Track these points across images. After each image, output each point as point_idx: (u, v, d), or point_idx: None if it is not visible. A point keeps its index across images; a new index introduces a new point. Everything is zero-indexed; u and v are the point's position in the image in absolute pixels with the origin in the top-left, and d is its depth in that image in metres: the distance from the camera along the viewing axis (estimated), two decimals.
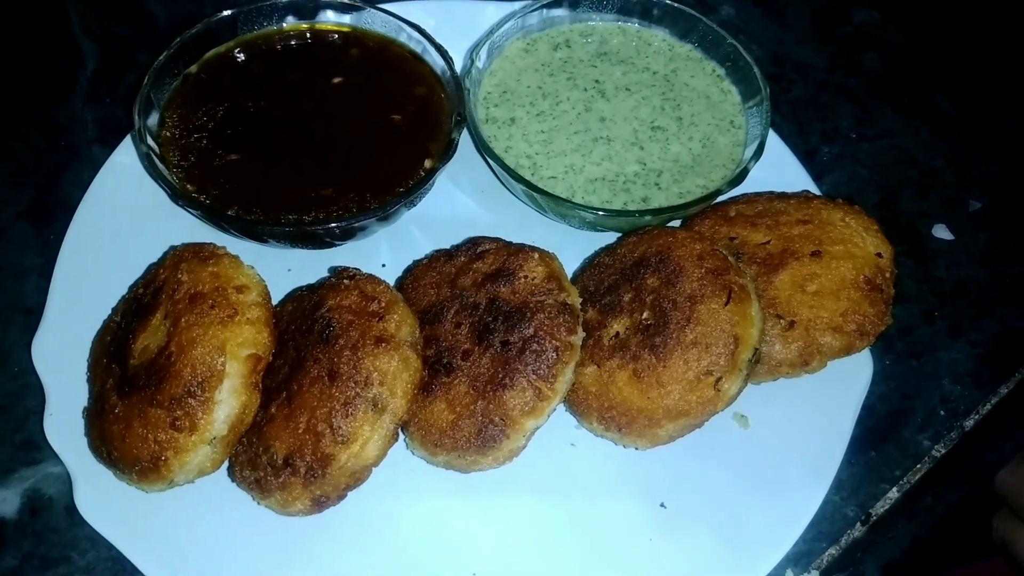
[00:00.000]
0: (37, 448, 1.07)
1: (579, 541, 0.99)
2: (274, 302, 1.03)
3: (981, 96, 1.57)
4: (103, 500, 0.98)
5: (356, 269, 0.99)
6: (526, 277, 0.99)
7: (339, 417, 0.88)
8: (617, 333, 1.00)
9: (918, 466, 1.12)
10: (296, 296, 1.02)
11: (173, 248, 1.04)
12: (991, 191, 1.41)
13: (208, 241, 1.03)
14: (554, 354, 0.94)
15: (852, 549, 1.07)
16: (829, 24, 1.67)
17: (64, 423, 1.02)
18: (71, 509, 0.99)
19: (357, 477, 0.93)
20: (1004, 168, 1.45)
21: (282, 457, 0.90)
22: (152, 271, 1.02)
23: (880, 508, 1.09)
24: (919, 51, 1.63)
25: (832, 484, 1.04)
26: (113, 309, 1.07)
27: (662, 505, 1.02)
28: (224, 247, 1.01)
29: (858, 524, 1.08)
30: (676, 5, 1.31)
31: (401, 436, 0.98)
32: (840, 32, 1.66)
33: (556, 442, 1.05)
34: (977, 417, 1.17)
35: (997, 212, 1.38)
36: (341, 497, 0.94)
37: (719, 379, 0.94)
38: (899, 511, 1.09)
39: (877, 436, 1.14)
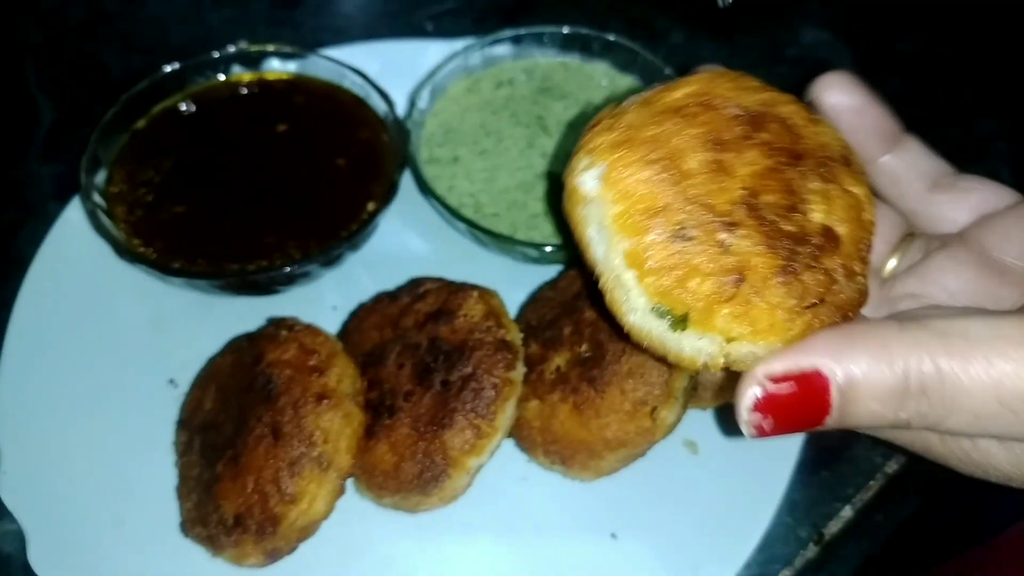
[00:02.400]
0: None
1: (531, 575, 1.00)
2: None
3: (928, 115, 1.59)
4: (57, 556, 0.98)
5: (294, 319, 1.01)
6: (465, 316, 1.00)
7: (285, 477, 0.90)
8: (558, 367, 1.01)
9: (871, 483, 1.13)
10: (235, 347, 1.04)
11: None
12: None
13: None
14: (492, 391, 0.95)
15: (806, 570, 1.07)
16: (778, 45, 1.70)
17: (18, 481, 1.03)
18: (27, 567, 0.99)
19: (308, 531, 0.94)
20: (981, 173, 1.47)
21: (232, 516, 0.91)
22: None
23: (833, 527, 1.09)
24: (869, 69, 1.65)
25: (785, 505, 1.05)
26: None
27: (613, 536, 1.02)
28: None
29: (811, 544, 1.08)
30: (615, 39, 1.34)
31: (349, 480, 0.99)
32: (790, 53, 1.69)
33: (508, 477, 1.06)
34: None
35: None
36: (293, 549, 0.95)
37: (655, 408, 0.95)
38: (851, 529, 1.10)
39: (829, 455, 1.14)
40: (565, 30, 1.35)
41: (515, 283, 1.16)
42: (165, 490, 1.02)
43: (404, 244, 1.27)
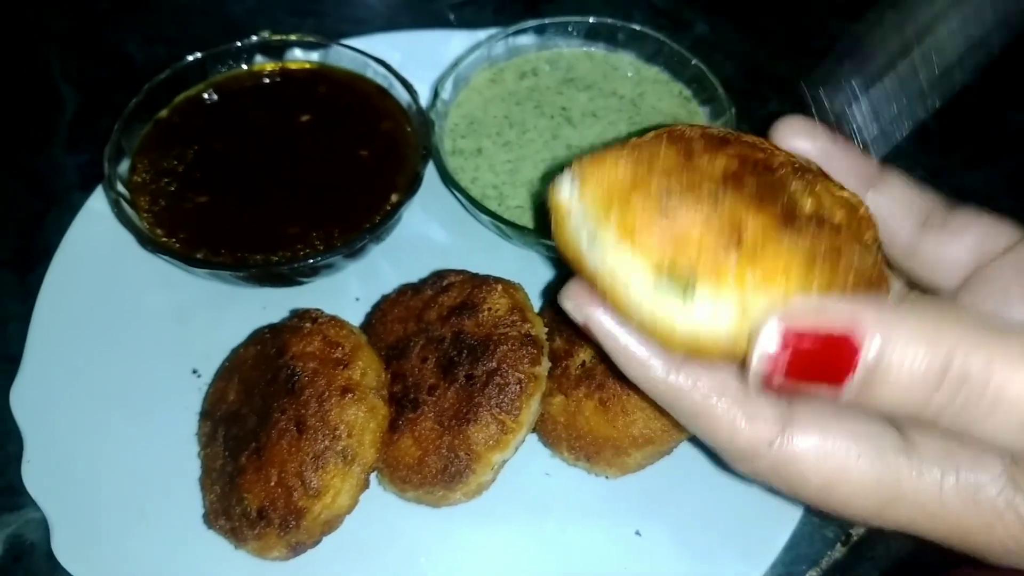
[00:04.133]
0: (19, 494, 1.08)
1: (555, 571, 0.99)
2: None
3: (962, 107, 1.56)
4: (80, 545, 0.99)
5: (318, 311, 1.00)
6: (490, 309, 0.99)
7: (310, 471, 0.89)
8: (583, 362, 1.00)
9: None
10: (258, 338, 1.03)
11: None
12: (972, 202, 1.40)
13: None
14: (517, 387, 0.94)
15: (832, 571, 1.05)
16: (804, 37, 1.67)
17: (42, 470, 1.03)
18: (51, 554, 0.99)
19: (332, 525, 0.93)
20: (985, 179, 1.44)
21: (255, 510, 0.91)
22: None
23: (860, 528, 1.08)
24: None
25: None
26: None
27: (637, 533, 1.01)
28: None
29: (838, 545, 1.07)
30: (641, 29, 1.32)
31: (372, 473, 0.98)
32: (816, 44, 1.66)
33: (531, 472, 1.05)
34: None
35: None
36: (317, 542, 0.95)
37: None
38: (878, 531, 1.08)
39: None
40: (591, 20, 1.33)
41: (539, 276, 1.15)
42: (188, 480, 1.02)
43: (427, 235, 1.26)
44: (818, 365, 0.56)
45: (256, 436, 0.93)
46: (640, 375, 0.67)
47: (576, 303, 0.66)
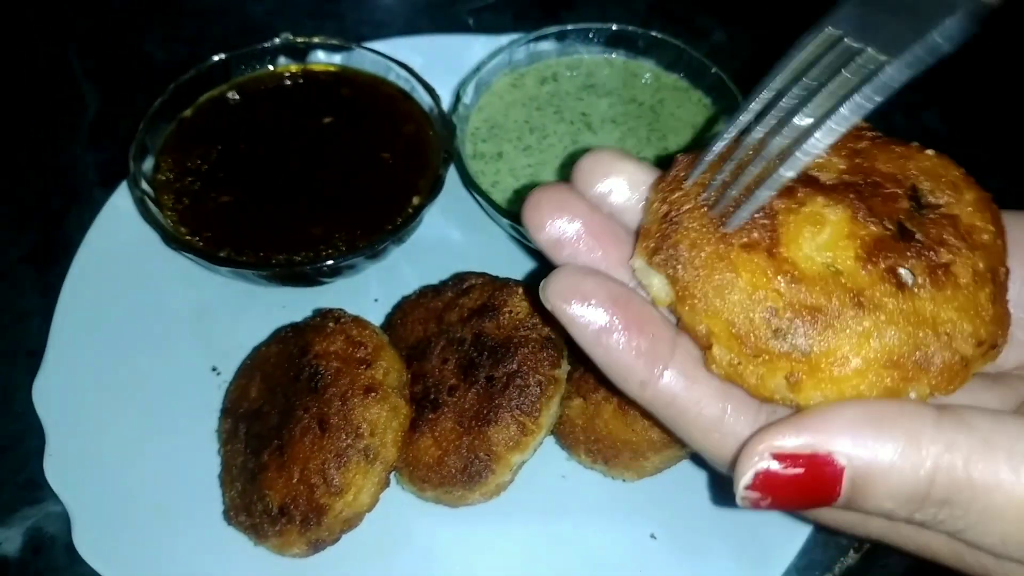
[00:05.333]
0: (39, 488, 1.09)
1: (570, 573, 1.00)
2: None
3: (974, 115, 1.57)
4: (101, 539, 0.99)
5: (341, 310, 1.01)
6: (510, 312, 1.00)
7: (332, 468, 0.90)
8: None
9: None
10: (280, 337, 1.04)
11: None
12: None
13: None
14: (537, 389, 0.95)
15: None
16: None
17: (63, 464, 1.04)
18: (71, 547, 1.00)
19: (352, 523, 0.94)
20: (997, 185, 1.44)
21: (277, 506, 0.92)
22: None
23: None
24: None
25: None
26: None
27: (652, 536, 1.02)
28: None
29: (851, 552, 1.07)
30: (661, 36, 1.33)
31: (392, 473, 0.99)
32: None
33: (547, 474, 1.05)
34: None
35: None
36: (337, 539, 0.95)
37: None
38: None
39: None
40: (613, 27, 1.34)
41: None
42: (207, 476, 1.04)
43: (447, 238, 1.27)
44: (804, 488, 0.55)
45: (278, 434, 0.94)
46: (619, 386, 0.64)
47: (560, 295, 0.61)
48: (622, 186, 0.67)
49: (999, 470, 0.53)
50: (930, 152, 0.65)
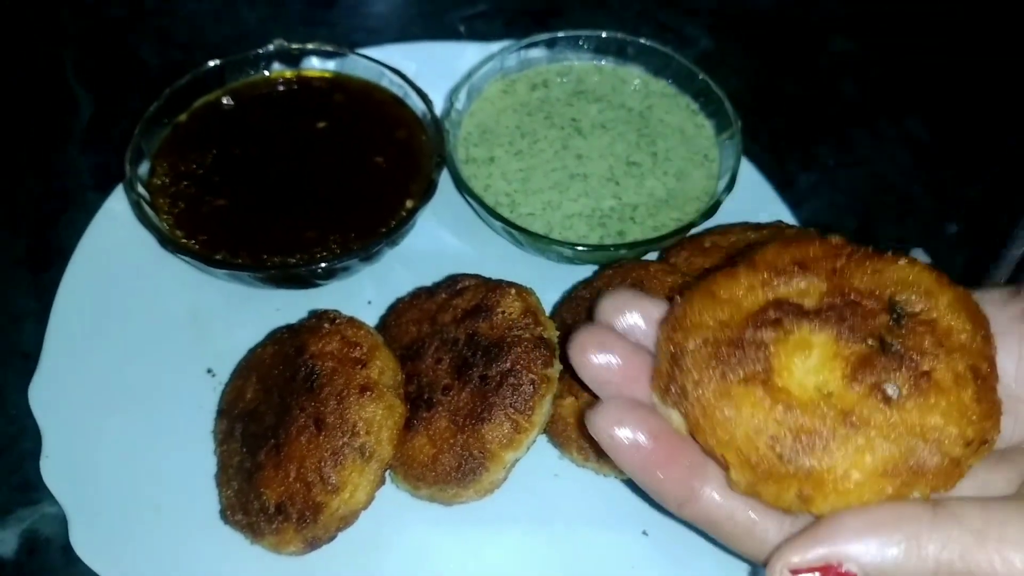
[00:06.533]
0: (34, 489, 1.10)
1: (563, 570, 1.01)
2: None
3: (957, 122, 1.60)
4: (98, 539, 1.00)
5: (336, 312, 1.02)
6: (503, 312, 1.01)
7: (328, 467, 0.91)
8: None
9: None
10: (276, 338, 1.05)
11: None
12: (968, 214, 1.44)
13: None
14: (531, 387, 0.97)
15: None
16: (806, 54, 1.71)
17: (60, 465, 1.05)
18: (67, 549, 1.01)
19: (348, 521, 0.95)
20: (980, 191, 1.48)
21: (273, 504, 0.93)
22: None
23: None
24: (896, 78, 1.67)
25: None
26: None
27: (644, 533, 1.04)
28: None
29: None
30: (650, 44, 1.36)
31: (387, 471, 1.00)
32: (817, 61, 1.70)
33: (540, 473, 1.07)
34: None
35: (973, 235, 1.41)
36: (332, 537, 0.96)
37: None
38: None
39: None
40: (602, 34, 1.37)
41: (550, 282, 1.17)
42: (203, 477, 1.04)
43: (440, 241, 1.28)
44: None
45: (275, 433, 0.95)
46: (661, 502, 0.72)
47: (606, 427, 0.69)
48: (639, 322, 0.74)
49: (992, 560, 0.57)
50: (903, 262, 0.69)
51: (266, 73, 1.33)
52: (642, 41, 1.36)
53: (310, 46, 1.33)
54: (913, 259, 0.70)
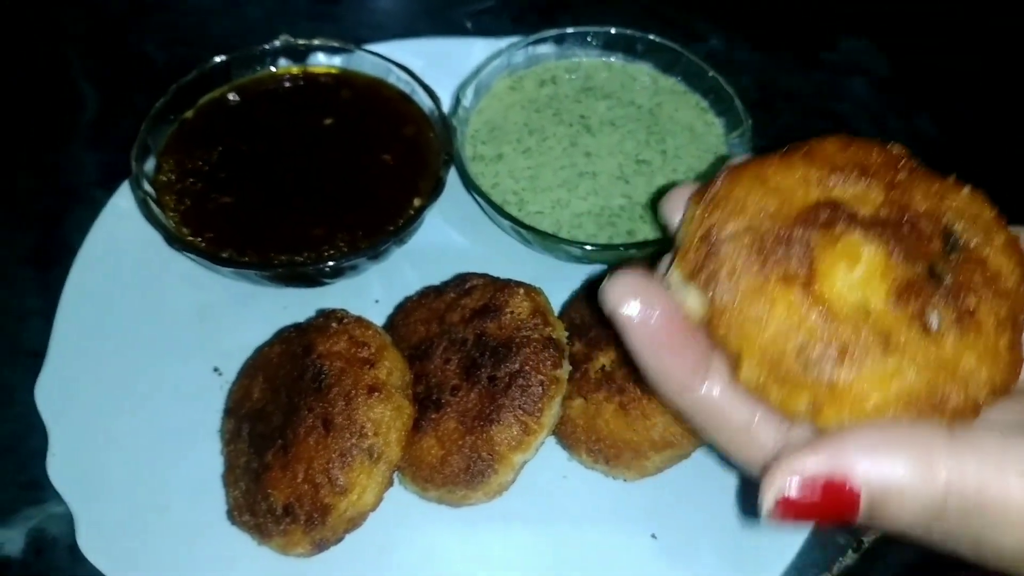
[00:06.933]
0: (40, 488, 1.09)
1: (571, 573, 1.00)
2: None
3: (967, 120, 1.59)
4: (105, 539, 1.00)
5: (344, 311, 1.02)
6: (512, 312, 1.01)
7: (336, 468, 0.91)
8: (603, 366, 1.02)
9: None
10: (284, 337, 1.04)
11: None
12: None
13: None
14: (540, 388, 0.96)
15: None
16: (816, 51, 1.70)
17: (66, 464, 1.04)
18: (73, 548, 1.00)
19: (356, 522, 0.95)
20: (989, 189, 1.46)
21: (281, 506, 0.92)
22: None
23: (872, 535, 1.10)
24: (906, 76, 1.66)
25: None
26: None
27: (653, 536, 1.03)
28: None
29: (850, 551, 1.08)
30: (659, 40, 1.34)
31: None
32: (827, 59, 1.69)
33: (548, 474, 1.06)
34: None
35: None
36: (340, 539, 0.96)
37: None
38: (891, 538, 1.09)
39: None
40: (611, 30, 1.35)
41: (558, 281, 1.16)
42: (211, 476, 1.04)
43: (448, 239, 1.27)
44: (826, 507, 0.58)
45: (282, 433, 0.95)
46: (658, 389, 0.68)
47: (618, 299, 0.64)
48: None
49: (1009, 484, 0.55)
50: (966, 190, 0.67)
51: (272, 69, 1.32)
52: (651, 37, 1.35)
53: (316, 42, 1.32)
54: (976, 191, 0.67)
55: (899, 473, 0.56)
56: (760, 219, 0.63)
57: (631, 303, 0.63)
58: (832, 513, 0.58)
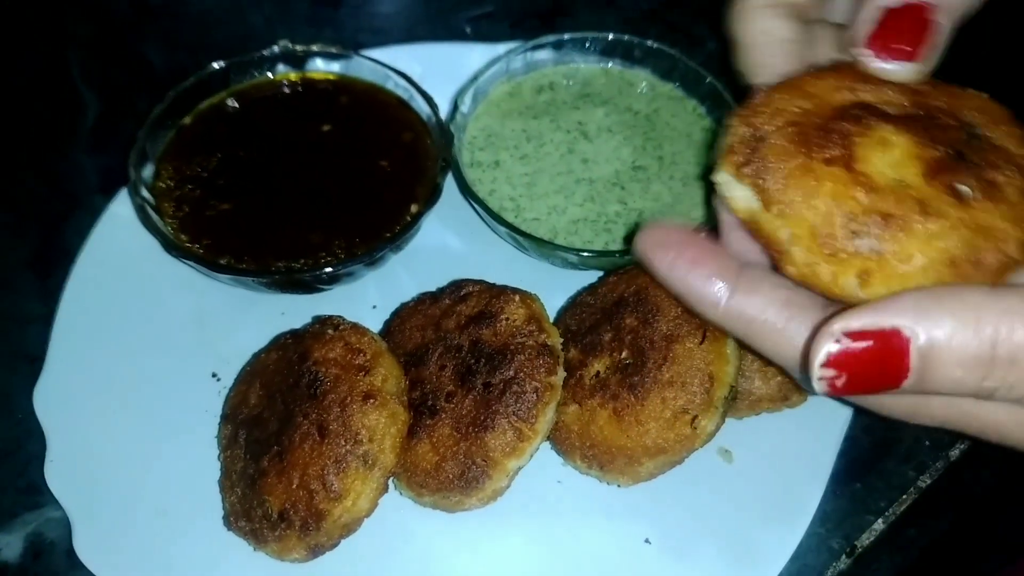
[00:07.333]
0: (39, 492, 1.10)
1: None
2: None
3: None
4: (101, 544, 1.00)
5: (340, 318, 1.02)
6: (507, 319, 1.01)
7: (331, 474, 0.91)
8: (598, 372, 1.02)
9: (903, 497, 1.13)
10: (280, 344, 1.05)
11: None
12: None
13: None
14: (534, 395, 0.96)
15: None
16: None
17: (64, 469, 1.05)
18: (71, 553, 1.01)
19: (351, 528, 0.96)
20: None
21: (277, 511, 0.93)
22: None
23: (865, 540, 1.10)
24: None
25: (817, 516, 1.06)
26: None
27: (647, 541, 1.03)
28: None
29: (843, 556, 1.09)
30: (657, 46, 1.35)
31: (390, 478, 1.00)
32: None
33: (543, 480, 1.07)
34: (963, 447, 1.18)
35: None
36: (335, 544, 0.97)
37: (695, 417, 0.96)
38: (884, 543, 1.10)
39: (862, 467, 1.15)
40: (609, 36, 1.36)
41: (554, 287, 1.16)
42: (207, 482, 1.05)
43: (444, 245, 1.28)
44: (876, 363, 0.61)
45: (278, 440, 0.95)
46: (694, 309, 0.76)
47: (650, 246, 0.76)
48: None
49: None
50: (984, 95, 0.75)
51: (270, 75, 1.33)
52: (649, 43, 1.35)
53: (315, 48, 1.33)
54: (990, 97, 0.75)
55: (947, 328, 0.59)
56: (799, 116, 0.71)
57: (660, 238, 0.75)
58: (883, 367, 0.60)
